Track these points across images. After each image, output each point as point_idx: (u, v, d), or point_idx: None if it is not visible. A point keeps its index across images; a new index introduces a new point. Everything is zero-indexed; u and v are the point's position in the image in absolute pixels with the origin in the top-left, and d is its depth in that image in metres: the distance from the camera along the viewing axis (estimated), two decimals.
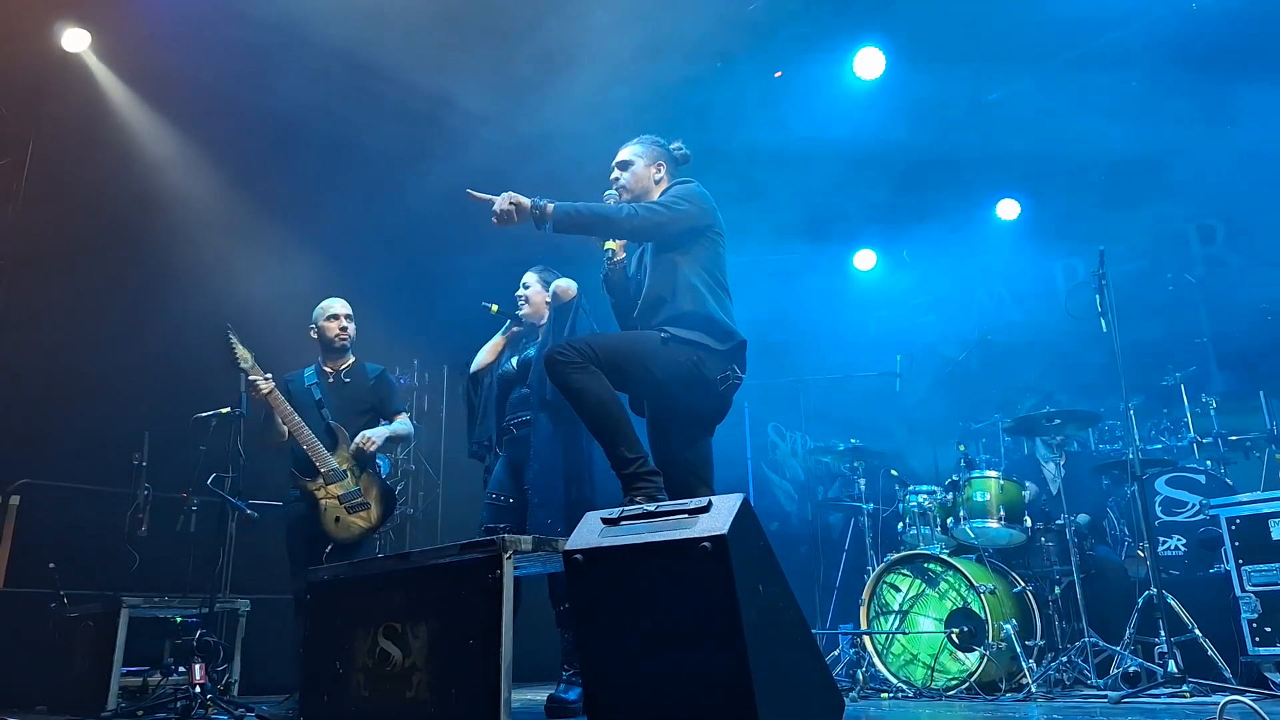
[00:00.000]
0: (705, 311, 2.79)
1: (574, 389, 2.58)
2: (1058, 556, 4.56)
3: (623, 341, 2.77)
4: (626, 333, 2.92)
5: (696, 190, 2.95)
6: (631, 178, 3.05)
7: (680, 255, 2.85)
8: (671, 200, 2.88)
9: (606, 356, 2.62)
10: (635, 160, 3.07)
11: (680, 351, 2.74)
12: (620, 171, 3.07)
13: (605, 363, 2.61)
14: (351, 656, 2.77)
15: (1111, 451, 5.51)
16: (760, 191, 6.64)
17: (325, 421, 4.15)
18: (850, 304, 7.82)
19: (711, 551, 1.96)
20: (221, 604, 4.58)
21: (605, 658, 2.17)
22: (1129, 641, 4.00)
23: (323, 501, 4.01)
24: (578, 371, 2.57)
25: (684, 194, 2.91)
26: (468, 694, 2.37)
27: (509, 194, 2.71)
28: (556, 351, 2.60)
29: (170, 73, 5.73)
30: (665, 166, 3.09)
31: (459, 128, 6.21)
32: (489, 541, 2.44)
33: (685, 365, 2.74)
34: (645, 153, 3.08)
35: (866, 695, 4.45)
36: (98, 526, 5.04)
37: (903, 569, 4.68)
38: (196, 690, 3.90)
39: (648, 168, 3.06)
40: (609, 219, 2.80)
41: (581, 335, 2.72)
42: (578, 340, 2.65)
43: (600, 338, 2.75)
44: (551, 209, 2.69)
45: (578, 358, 2.58)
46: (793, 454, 7.53)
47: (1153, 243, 6.62)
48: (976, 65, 6.14)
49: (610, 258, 3.00)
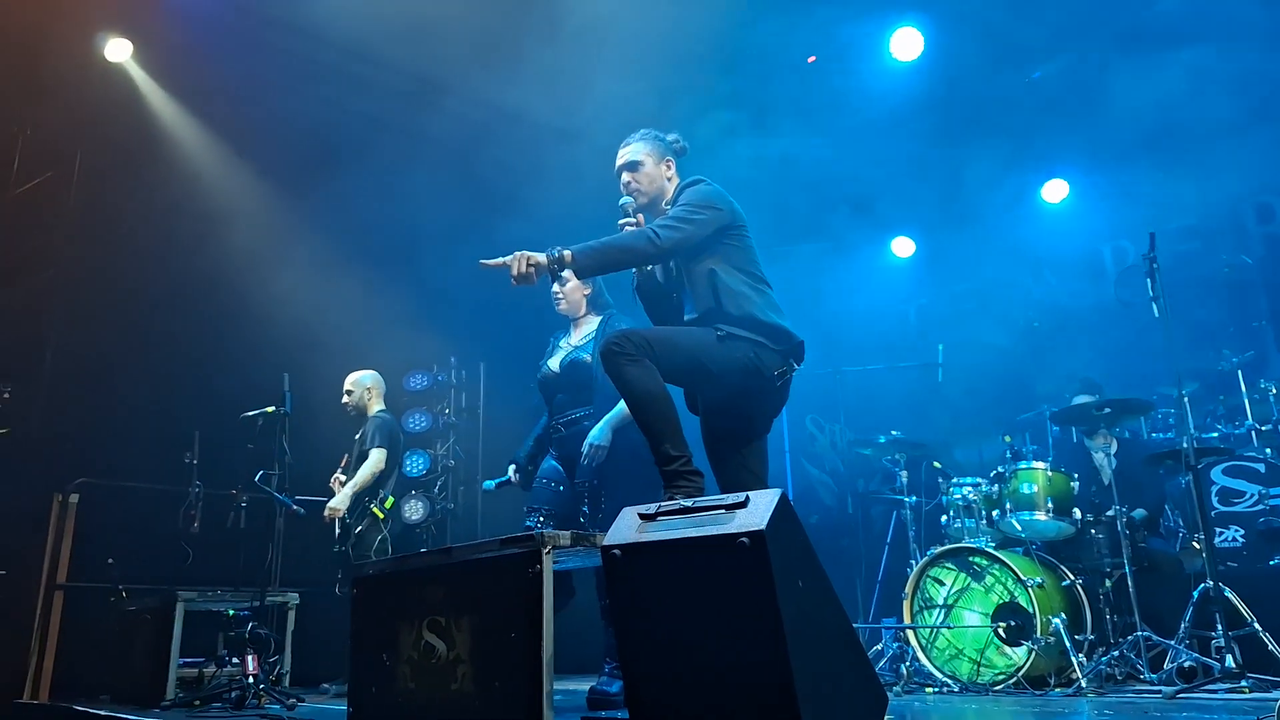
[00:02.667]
0: (751, 313, 2.77)
1: (625, 379, 2.57)
2: (1109, 549, 4.46)
3: (680, 336, 2.76)
4: (684, 328, 2.88)
5: (711, 191, 2.90)
6: (645, 178, 3.00)
7: (712, 260, 2.82)
8: (689, 212, 2.81)
9: (663, 350, 2.61)
10: (645, 160, 3.02)
11: (737, 348, 2.72)
12: (630, 174, 3.01)
13: (661, 357, 2.60)
14: (398, 649, 2.82)
15: (1165, 440, 5.36)
16: (795, 181, 6.58)
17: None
18: (889, 293, 7.70)
19: (750, 547, 1.95)
20: (271, 597, 4.70)
21: (645, 652, 2.17)
22: (1184, 636, 3.89)
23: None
24: (632, 364, 2.56)
25: (699, 200, 2.85)
26: (511, 686, 2.40)
27: (521, 254, 2.65)
28: (612, 342, 2.59)
29: (212, 81, 5.86)
30: (673, 163, 3.06)
31: (491, 122, 6.25)
32: (528, 536, 2.46)
33: (742, 361, 2.72)
34: (653, 150, 3.03)
35: (911, 690, 4.40)
36: (153, 523, 5.20)
37: (947, 562, 4.61)
38: (250, 680, 4.01)
39: (658, 165, 3.02)
40: (632, 249, 2.75)
41: (639, 329, 2.70)
42: (635, 333, 2.63)
43: (658, 331, 2.74)
44: (570, 256, 2.65)
45: (634, 350, 2.57)
46: (832, 447, 7.45)
47: (1207, 223, 6.41)
48: (1019, 42, 6.00)
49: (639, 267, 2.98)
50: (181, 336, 5.73)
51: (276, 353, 4.49)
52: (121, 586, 4.96)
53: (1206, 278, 5.97)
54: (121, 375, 5.52)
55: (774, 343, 2.77)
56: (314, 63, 5.69)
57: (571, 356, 3.92)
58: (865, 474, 7.02)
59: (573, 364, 3.89)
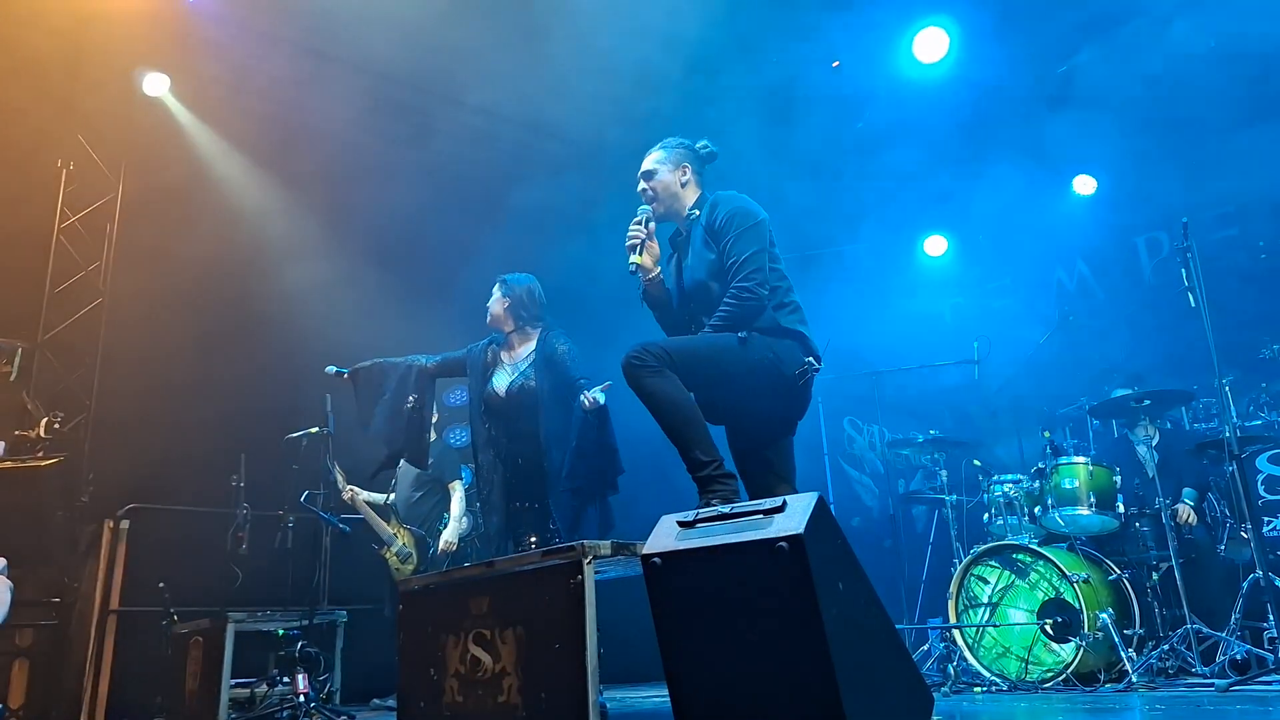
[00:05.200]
0: (774, 318, 2.81)
1: (648, 392, 2.59)
2: (1154, 542, 4.40)
3: (698, 344, 2.78)
4: (701, 335, 2.90)
5: (751, 210, 2.92)
6: (659, 186, 3.06)
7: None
8: (750, 248, 2.82)
9: (682, 359, 2.64)
10: (659, 168, 3.07)
11: (756, 349, 2.75)
12: (646, 183, 3.08)
13: (680, 365, 2.63)
14: (444, 663, 2.86)
15: (1208, 430, 5.27)
16: (826, 182, 6.57)
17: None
18: (923, 291, 7.65)
19: (789, 552, 1.97)
20: (320, 616, 4.76)
21: (687, 660, 2.19)
22: (1235, 627, 3.83)
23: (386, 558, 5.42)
24: (653, 375, 2.58)
25: (747, 224, 2.87)
26: (557, 697, 2.43)
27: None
28: (633, 355, 2.61)
29: (248, 111, 6.01)
30: (690, 168, 3.09)
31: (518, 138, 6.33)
32: (569, 547, 2.49)
33: (763, 364, 2.75)
34: (668, 158, 3.08)
35: (959, 690, 4.36)
36: (202, 546, 5.29)
37: (990, 560, 4.58)
38: (301, 699, 4.07)
39: (672, 173, 3.06)
40: (745, 317, 2.77)
41: (656, 340, 2.73)
42: (653, 344, 2.65)
43: (675, 341, 2.76)
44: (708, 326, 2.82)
45: (653, 361, 2.59)
46: (870, 447, 7.41)
47: (1243, 210, 6.30)
48: (1045, 35, 5.94)
49: (644, 275, 3.00)
50: (226, 363, 5.86)
51: (319, 375, 4.57)
52: (173, 610, 5.06)
53: (1244, 265, 5.87)
54: (169, 401, 5.65)
55: (793, 343, 2.80)
56: (347, 87, 5.81)
57: (520, 382, 3.87)
58: (905, 474, 6.97)
59: (521, 389, 3.85)
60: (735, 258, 2.81)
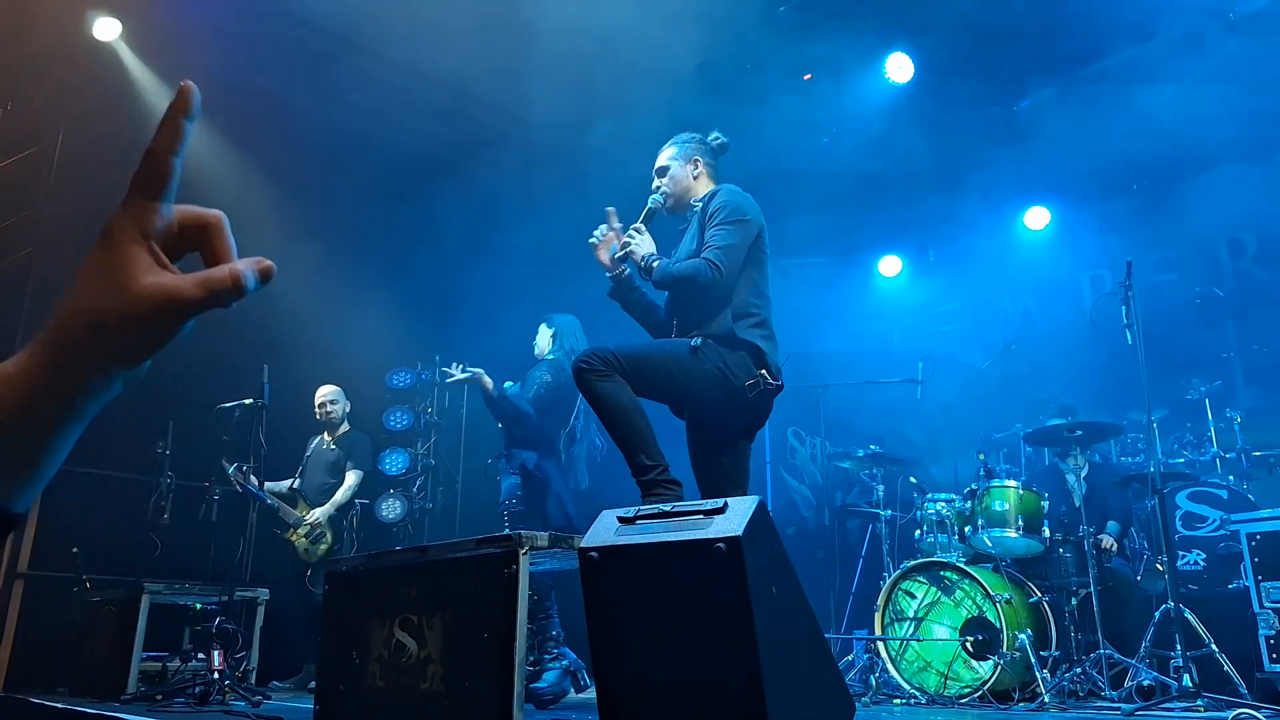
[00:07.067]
0: (731, 327, 2.82)
1: (596, 395, 2.62)
2: (1075, 568, 4.52)
3: (650, 350, 2.80)
4: (655, 341, 2.95)
5: (743, 202, 2.95)
6: (670, 181, 3.13)
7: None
8: (730, 234, 2.84)
9: (631, 365, 2.65)
10: (671, 164, 3.14)
11: (707, 359, 2.76)
12: (659, 179, 3.14)
13: (630, 371, 2.64)
14: (368, 647, 2.81)
15: (1133, 464, 5.45)
16: (785, 197, 6.61)
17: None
18: (874, 310, 7.78)
19: (726, 553, 1.97)
20: (241, 592, 4.64)
21: (618, 655, 2.18)
22: (1145, 655, 3.96)
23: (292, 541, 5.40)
24: (602, 380, 2.61)
25: (734, 214, 2.89)
26: (481, 686, 2.40)
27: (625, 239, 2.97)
28: (582, 360, 2.64)
29: (201, 66, 5.80)
30: (702, 160, 3.14)
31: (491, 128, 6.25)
32: (505, 537, 2.47)
33: (712, 372, 2.76)
34: (680, 153, 3.14)
35: (879, 701, 4.43)
36: (121, 513, 5.12)
37: (919, 576, 4.65)
38: (215, 676, 3.96)
39: (684, 167, 3.12)
40: (694, 280, 2.79)
41: (608, 344, 2.72)
42: (602, 349, 2.66)
43: (627, 346, 2.76)
44: (655, 266, 2.86)
45: (602, 366, 2.61)
46: (812, 459, 7.49)
47: (1183, 256, 6.53)
48: (1006, 72, 6.09)
49: (608, 272, 3.03)
50: None
51: (257, 345, 4.45)
52: (86, 577, 4.88)
53: (1180, 308, 6.08)
54: None
55: (745, 355, 2.81)
56: (310, 52, 5.64)
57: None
58: (843, 487, 7.07)
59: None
60: (710, 242, 2.84)
